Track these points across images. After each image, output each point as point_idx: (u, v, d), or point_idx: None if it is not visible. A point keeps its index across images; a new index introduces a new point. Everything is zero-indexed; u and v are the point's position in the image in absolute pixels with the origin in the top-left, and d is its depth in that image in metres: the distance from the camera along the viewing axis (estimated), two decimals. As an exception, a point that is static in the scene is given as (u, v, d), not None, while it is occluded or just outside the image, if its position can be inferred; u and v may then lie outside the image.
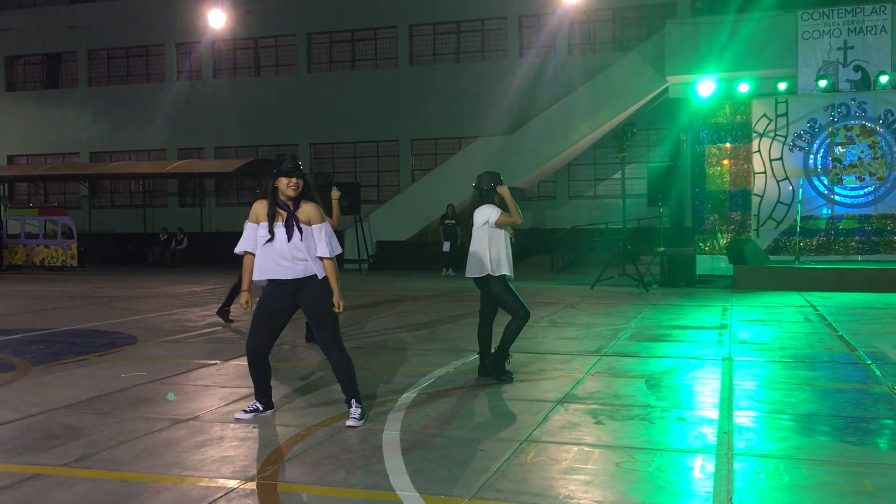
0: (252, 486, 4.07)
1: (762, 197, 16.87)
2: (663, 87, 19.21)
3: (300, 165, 5.17)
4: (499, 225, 6.48)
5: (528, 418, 5.37)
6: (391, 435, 4.96)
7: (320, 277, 5.19)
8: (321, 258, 5.20)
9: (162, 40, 26.47)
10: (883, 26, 16.54)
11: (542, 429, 5.11)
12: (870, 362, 7.28)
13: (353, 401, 5.26)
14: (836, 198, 16.57)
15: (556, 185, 23.58)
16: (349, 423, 5.17)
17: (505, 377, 6.54)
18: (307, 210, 5.16)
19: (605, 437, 4.95)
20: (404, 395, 6.04)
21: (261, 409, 5.43)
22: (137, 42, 26.81)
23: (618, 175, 20.66)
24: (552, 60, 22.72)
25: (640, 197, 18.36)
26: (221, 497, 3.91)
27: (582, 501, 3.83)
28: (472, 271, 6.57)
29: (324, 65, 25.23)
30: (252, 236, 5.21)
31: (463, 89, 23.29)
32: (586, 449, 4.67)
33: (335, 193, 8.44)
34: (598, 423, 5.27)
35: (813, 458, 4.49)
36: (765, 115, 16.86)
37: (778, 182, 16.80)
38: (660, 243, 15.73)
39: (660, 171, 16.11)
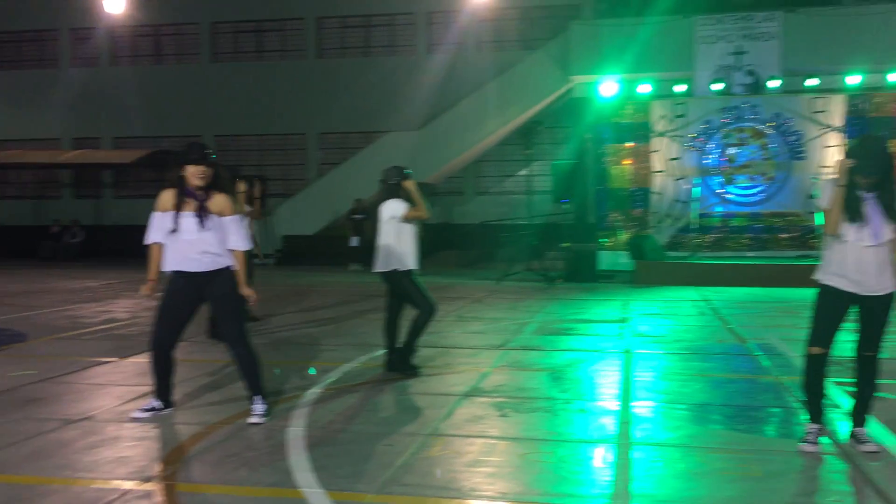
0: (150, 486, 3.95)
1: (661, 195, 17.42)
2: (568, 87, 19.59)
3: (209, 154, 5.00)
4: (406, 220, 6.48)
5: (434, 412, 5.39)
6: (296, 431, 4.90)
7: (230, 270, 5.08)
8: (232, 251, 5.09)
9: (55, 25, 25.32)
10: (773, 33, 17.32)
11: (447, 422, 5.14)
12: (759, 353, 7.63)
13: (258, 397, 5.17)
14: (730, 197, 17.27)
15: (464, 180, 23.74)
16: (253, 419, 5.08)
17: (411, 372, 6.55)
18: (219, 201, 5.03)
19: (509, 430, 5.03)
20: (310, 391, 5.97)
21: (160, 407, 5.28)
22: (29, 26, 25.56)
23: (524, 172, 20.98)
24: (461, 57, 22.85)
25: (546, 194, 18.67)
26: (116, 499, 3.78)
27: (486, 493, 3.88)
28: (379, 266, 6.56)
29: (228, 55, 24.66)
30: (160, 226, 5.04)
31: (372, 84, 23.17)
32: (491, 441, 4.73)
33: (240, 186, 8.28)
34: (504, 415, 5.34)
35: (706, 445, 4.67)
36: (664, 115, 17.40)
37: (675, 181, 17.38)
38: (564, 239, 16.05)
39: (565, 168, 16.43)
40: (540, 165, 21.57)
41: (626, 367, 6.98)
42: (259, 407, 5.13)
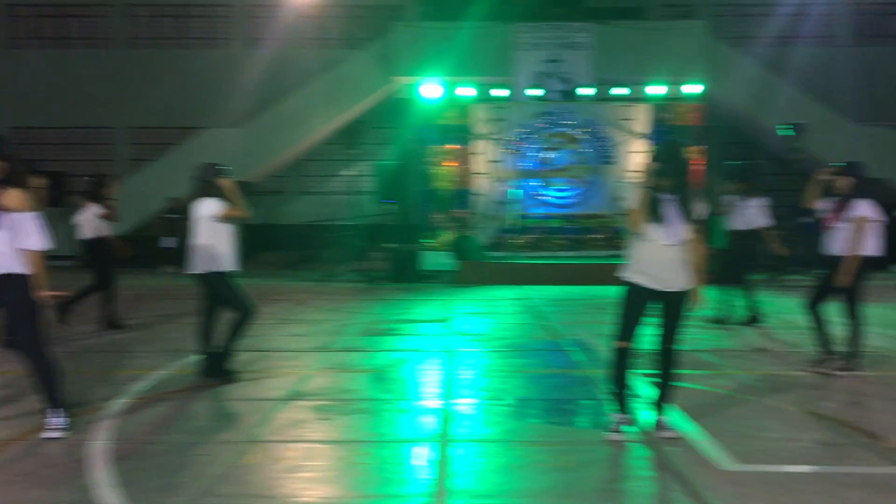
0: (-75, 514, 3.55)
1: (483, 196, 17.89)
2: (392, 87, 19.67)
3: (4, 146, 4.55)
4: (222, 219, 6.22)
5: (252, 418, 5.21)
6: (100, 445, 4.57)
7: (21, 273, 4.64)
8: (27, 250, 4.66)
9: None
10: (586, 43, 18.23)
11: (266, 428, 4.98)
12: (571, 349, 7.97)
13: (55, 409, 4.78)
14: (547, 199, 18.01)
15: (287, 180, 23.27)
16: (50, 434, 4.69)
17: (229, 377, 6.30)
18: (13, 196, 4.59)
19: (331, 433, 4.95)
20: (117, 401, 5.60)
21: (-59, 425, 4.76)
22: None
23: (349, 172, 20.88)
24: (284, 54, 22.37)
25: (370, 194, 18.66)
26: None
27: (304, 499, 3.78)
28: (193, 267, 6.26)
29: (28, 41, 22.81)
30: None
31: (189, 77, 22.18)
32: (312, 446, 4.63)
33: (37, 182, 7.65)
34: (325, 419, 5.25)
35: (524, 439, 4.81)
36: (485, 119, 17.89)
37: (497, 183, 17.91)
38: (388, 240, 16.10)
39: (389, 169, 16.49)
40: (364, 166, 21.54)
41: (449, 366, 7.07)
42: (57, 420, 4.75)
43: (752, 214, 9.57)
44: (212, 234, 6.21)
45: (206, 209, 6.23)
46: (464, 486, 3.98)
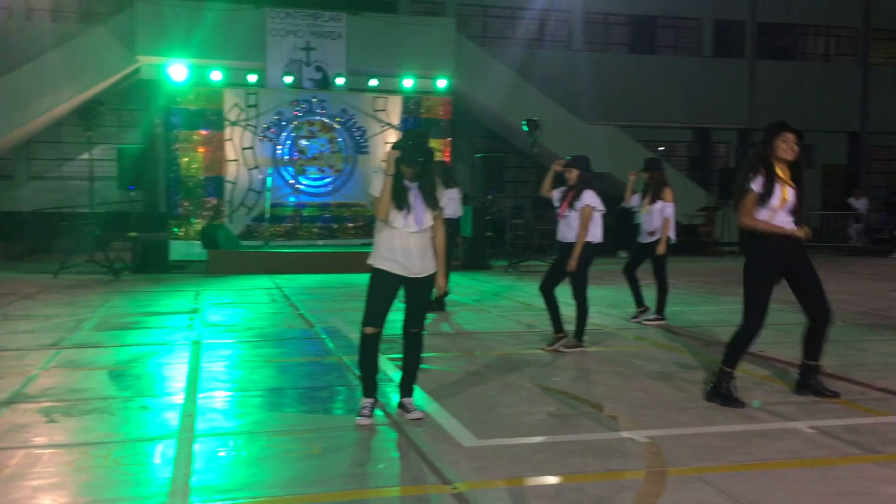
0: None
1: (235, 184, 17.38)
2: (135, 67, 18.49)
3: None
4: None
5: (-35, 426, 4.69)
6: None
7: None
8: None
9: None
10: (339, 33, 18.26)
11: (-18, 436, 4.51)
12: (325, 336, 7.99)
13: None
14: (301, 187, 17.87)
15: (13, 163, 21.14)
16: None
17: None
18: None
19: (58, 437, 4.57)
20: None
21: None
22: None
23: (85, 156, 19.29)
24: (10, 26, 20.24)
25: (112, 180, 17.41)
26: None
27: (26, 510, 3.46)
28: None
29: None
30: None
31: None
32: (36, 451, 4.25)
33: None
34: (52, 421, 4.84)
35: (272, 430, 4.74)
36: (237, 104, 17.38)
37: (249, 170, 17.47)
38: (132, 228, 15.16)
39: (132, 153, 15.47)
40: (104, 149, 20.10)
41: (195, 359, 6.80)
42: None
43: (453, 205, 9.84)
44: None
45: None
46: (208, 482, 3.85)
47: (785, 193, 5.14)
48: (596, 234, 7.08)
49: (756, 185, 5.14)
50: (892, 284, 13.19)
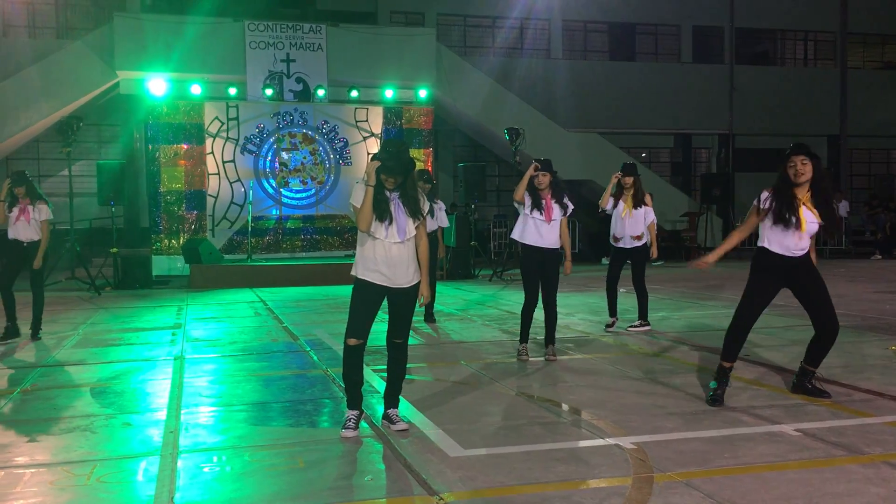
0: None
1: (216, 198, 17.29)
2: (114, 82, 18.39)
3: None
4: None
5: (-57, 447, 4.61)
6: None
7: None
8: None
9: None
10: (319, 44, 18.24)
11: (-39, 457, 4.44)
12: (309, 349, 7.94)
13: None
14: (284, 200, 17.80)
15: (-8, 180, 20.95)
16: None
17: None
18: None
19: (39, 456, 4.50)
20: None
21: None
22: None
23: (65, 172, 19.15)
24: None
25: (92, 196, 17.30)
26: None
27: (6, 531, 3.41)
28: None
29: None
30: None
31: None
32: (16, 471, 4.19)
33: None
34: (32, 440, 4.77)
35: (255, 444, 4.70)
36: (217, 117, 17.31)
37: (231, 183, 17.39)
38: (113, 244, 15.05)
39: (112, 168, 15.39)
40: (83, 165, 20.00)
41: (178, 375, 6.74)
42: None
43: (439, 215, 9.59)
44: None
45: None
46: (192, 498, 3.81)
47: (802, 217, 5.20)
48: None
49: (761, 201, 5.37)
50: (875, 286, 13.29)
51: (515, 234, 7.14)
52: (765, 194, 5.36)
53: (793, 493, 3.73)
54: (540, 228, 6.95)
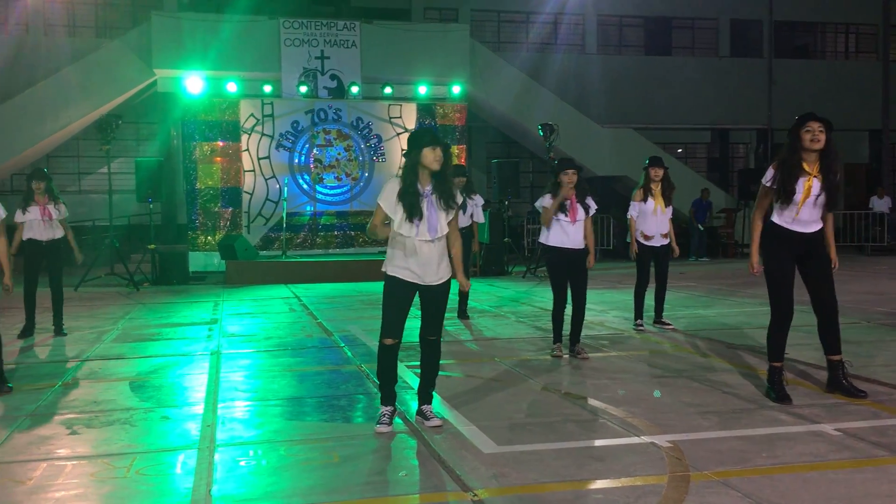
0: None
1: (252, 194, 17.44)
2: (152, 80, 18.65)
3: None
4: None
5: (-12, 439, 4.72)
6: None
7: None
8: None
9: None
10: (353, 41, 18.32)
11: (4, 448, 4.53)
12: (343, 345, 7.99)
13: None
14: (318, 196, 17.91)
15: (34, 177, 21.34)
16: None
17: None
18: None
19: (80, 448, 4.59)
20: None
21: None
22: None
23: (104, 169, 19.49)
24: (27, 41, 20.49)
25: (130, 193, 17.57)
26: None
27: (49, 522, 3.48)
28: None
29: None
30: None
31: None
32: (58, 463, 4.27)
33: None
34: (74, 433, 4.86)
35: (291, 439, 4.74)
36: (252, 114, 17.46)
37: (266, 180, 17.54)
38: (151, 240, 15.26)
39: (150, 166, 15.60)
40: (122, 163, 20.31)
41: (214, 369, 6.82)
42: None
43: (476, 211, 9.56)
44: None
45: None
46: (229, 491, 3.85)
47: (809, 187, 5.11)
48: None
49: (766, 180, 5.22)
50: (916, 283, 13.03)
51: (542, 238, 7.13)
52: (770, 172, 5.26)
53: (834, 494, 3.67)
54: (566, 229, 6.93)
